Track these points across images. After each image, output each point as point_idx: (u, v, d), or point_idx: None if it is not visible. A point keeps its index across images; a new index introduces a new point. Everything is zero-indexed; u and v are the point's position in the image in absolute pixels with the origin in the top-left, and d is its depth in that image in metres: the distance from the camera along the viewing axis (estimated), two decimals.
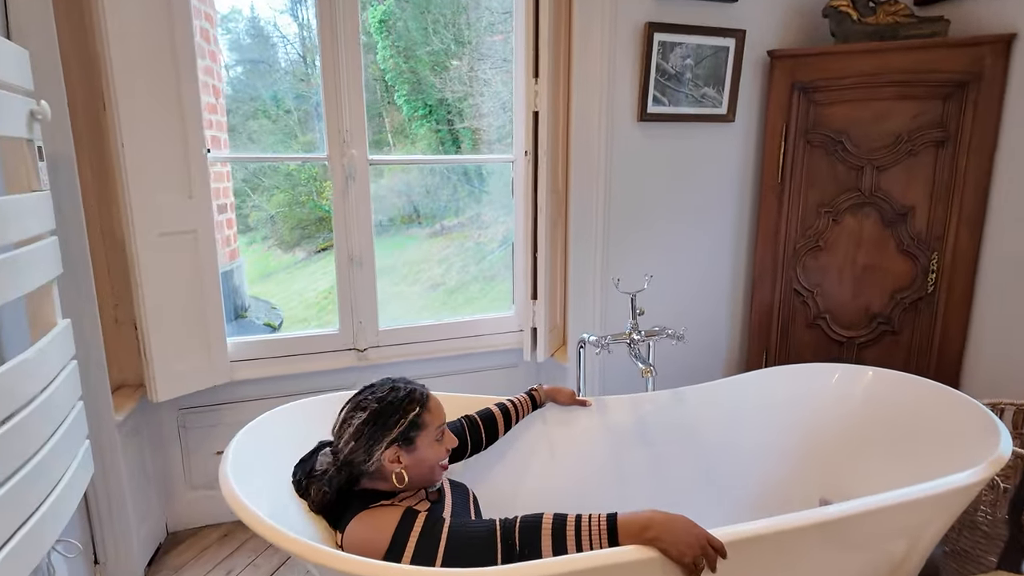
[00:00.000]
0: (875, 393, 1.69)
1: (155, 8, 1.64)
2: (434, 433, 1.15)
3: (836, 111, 2.07)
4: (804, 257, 2.20)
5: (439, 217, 4.04)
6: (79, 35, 1.64)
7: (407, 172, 4.03)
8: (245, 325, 2.90)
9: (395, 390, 1.13)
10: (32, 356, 1.25)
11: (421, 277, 4.22)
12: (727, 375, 2.40)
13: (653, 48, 2.00)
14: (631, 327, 1.64)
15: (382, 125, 3.87)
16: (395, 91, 3.76)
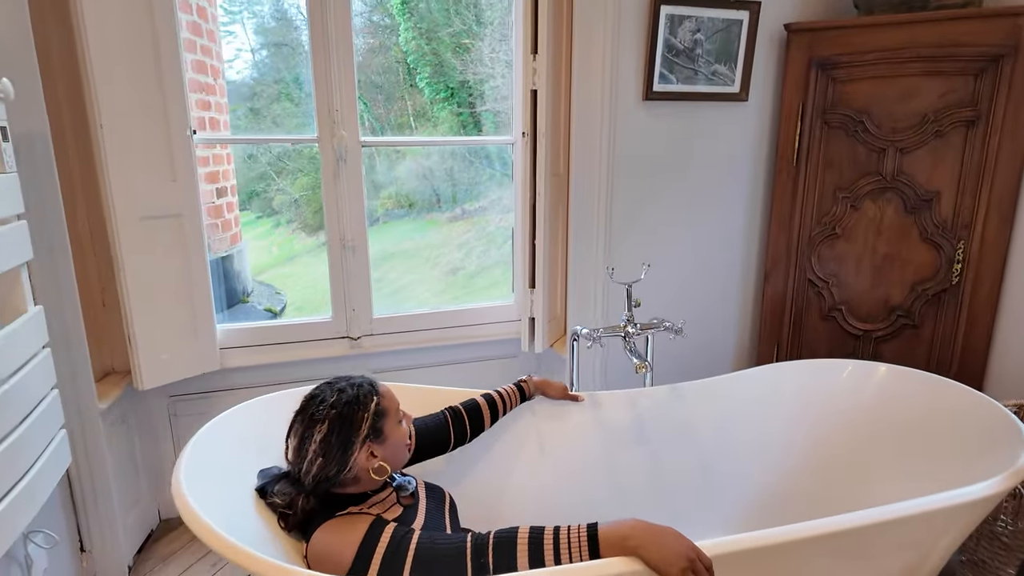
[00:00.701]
0: (888, 392, 1.58)
1: None
2: (396, 415, 1.12)
3: (857, 89, 1.93)
4: (820, 245, 2.07)
5: (460, 201, 3.97)
6: (61, 11, 1.58)
7: (428, 156, 3.96)
8: (246, 310, 2.87)
9: (343, 391, 1.07)
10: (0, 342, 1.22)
11: (441, 261, 4.17)
12: (737, 370, 2.29)
13: (660, 22, 1.88)
14: (626, 319, 1.55)
15: (404, 108, 3.80)
16: (417, 74, 3.69)
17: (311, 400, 1.07)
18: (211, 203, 2.67)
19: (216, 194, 2.72)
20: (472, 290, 3.88)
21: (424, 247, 4.20)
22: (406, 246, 4.22)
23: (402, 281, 4.25)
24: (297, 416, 1.07)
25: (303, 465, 1.04)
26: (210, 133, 2.38)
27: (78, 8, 1.50)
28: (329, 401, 1.05)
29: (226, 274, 2.77)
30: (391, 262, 4.17)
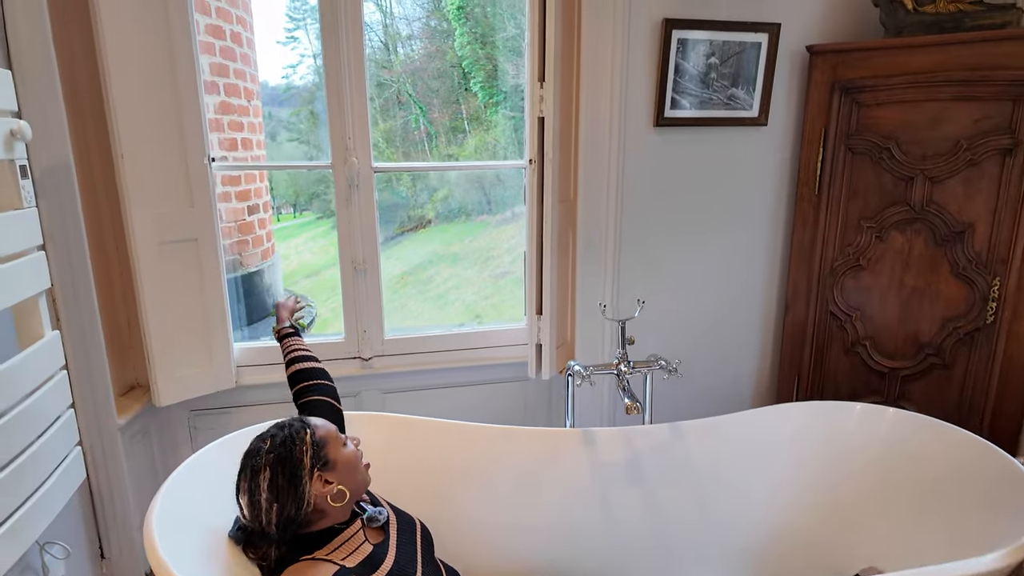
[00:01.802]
0: (897, 437, 1.49)
1: (153, 21, 1.66)
2: (337, 440, 1.12)
3: (884, 114, 1.83)
4: (843, 276, 1.97)
5: (510, 204, 4.01)
6: (89, 50, 1.68)
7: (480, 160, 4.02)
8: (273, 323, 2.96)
9: (274, 436, 1.08)
10: (11, 367, 1.30)
11: (490, 264, 4.20)
12: (755, 405, 2.21)
13: (671, 47, 1.83)
14: (619, 357, 1.51)
15: (459, 112, 3.87)
16: (472, 78, 3.74)
17: (247, 457, 1.08)
18: (242, 220, 2.79)
19: (247, 211, 2.83)
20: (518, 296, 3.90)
21: (473, 250, 4.24)
22: (455, 248, 4.28)
23: (449, 284, 4.31)
24: (239, 475, 1.08)
25: (262, 517, 1.04)
26: (231, 161, 2.48)
27: (102, 45, 1.59)
28: (264, 449, 1.07)
29: (256, 288, 2.88)
30: (437, 266, 4.23)
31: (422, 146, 3.89)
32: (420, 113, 3.83)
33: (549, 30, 1.78)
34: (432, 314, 4.08)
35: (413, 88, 3.85)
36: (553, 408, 2.28)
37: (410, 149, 3.87)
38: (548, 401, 2.27)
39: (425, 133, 3.88)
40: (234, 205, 2.68)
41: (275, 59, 3.24)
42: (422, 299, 4.26)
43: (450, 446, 1.52)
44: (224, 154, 2.57)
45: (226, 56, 2.53)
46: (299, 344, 1.50)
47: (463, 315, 4.09)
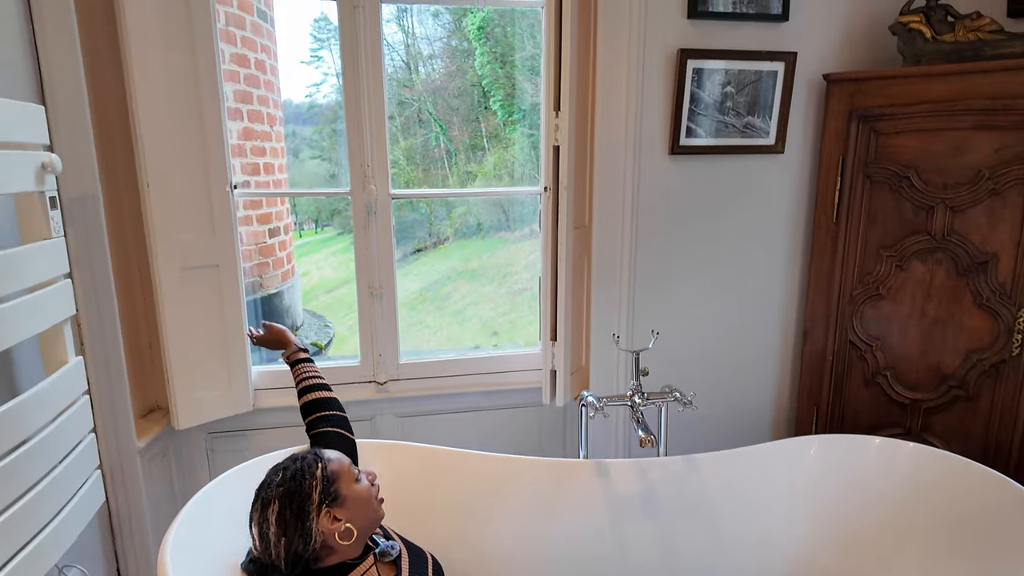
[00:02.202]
0: (916, 472, 1.46)
1: (180, 55, 1.71)
2: (350, 475, 1.11)
3: (903, 142, 1.81)
4: (862, 305, 1.94)
5: (528, 221, 4.03)
6: (119, 85, 1.73)
7: (499, 178, 4.05)
8: None
9: (286, 469, 1.09)
10: (37, 394, 1.34)
11: (508, 281, 4.22)
12: (774, 435, 2.18)
13: (686, 76, 1.84)
14: (633, 389, 1.51)
15: (478, 130, 3.92)
16: (491, 97, 3.80)
17: (259, 488, 1.10)
18: (263, 243, 2.83)
19: (268, 234, 2.88)
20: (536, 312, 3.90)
21: (491, 266, 4.26)
22: (473, 265, 4.30)
23: (467, 300, 4.33)
24: (252, 506, 1.10)
25: (271, 551, 1.05)
26: (253, 187, 2.53)
27: (131, 78, 1.65)
28: (275, 481, 1.08)
29: (276, 310, 2.92)
30: (455, 282, 4.25)
31: (442, 163, 3.93)
32: (440, 131, 3.88)
33: (564, 61, 1.80)
34: (450, 330, 4.10)
35: (433, 106, 3.91)
36: (568, 434, 2.27)
37: (430, 167, 3.92)
38: (563, 427, 2.26)
39: (445, 151, 3.93)
40: (255, 228, 2.73)
41: (299, 78, 3.31)
42: (440, 315, 4.28)
43: (463, 476, 1.52)
44: (246, 179, 2.63)
45: (250, 83, 2.59)
46: (311, 371, 1.51)
47: (480, 331, 4.09)
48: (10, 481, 1.19)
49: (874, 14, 1.94)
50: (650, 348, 1.59)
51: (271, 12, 2.78)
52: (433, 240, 4.21)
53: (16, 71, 1.44)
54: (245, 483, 1.37)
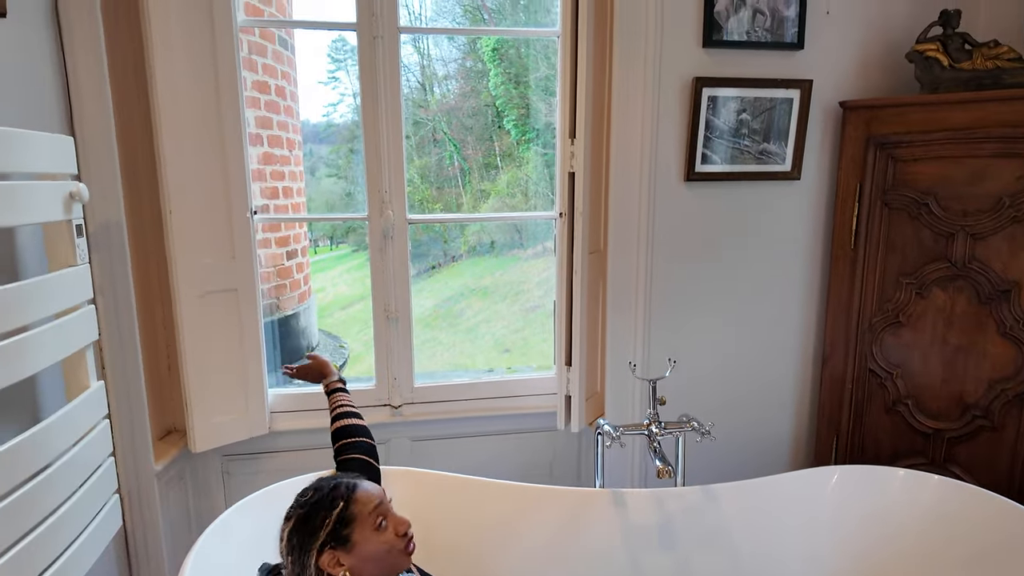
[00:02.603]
0: (942, 506, 1.43)
1: (204, 84, 1.75)
2: (370, 522, 1.06)
3: (921, 169, 1.80)
4: (882, 332, 1.92)
5: (541, 238, 4.05)
6: (145, 117, 1.77)
7: (512, 196, 4.08)
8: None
9: (319, 490, 1.08)
10: (60, 418, 1.35)
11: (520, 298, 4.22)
12: (793, 465, 2.15)
13: (702, 103, 1.85)
14: (650, 417, 1.50)
15: (492, 149, 3.97)
16: (505, 116, 3.84)
17: (297, 495, 1.10)
18: (281, 265, 2.87)
19: (286, 256, 2.91)
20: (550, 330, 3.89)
21: (504, 283, 4.27)
22: (486, 282, 4.31)
23: (479, 317, 4.34)
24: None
25: (285, 561, 1.06)
26: (272, 211, 2.56)
27: (157, 108, 1.69)
28: (300, 500, 1.08)
29: (292, 331, 2.94)
30: (468, 299, 4.26)
31: (455, 182, 3.97)
32: (454, 150, 3.92)
33: (580, 90, 1.82)
34: (463, 347, 4.10)
35: (448, 126, 3.96)
36: (582, 460, 2.25)
37: (444, 185, 3.96)
38: (577, 453, 2.25)
39: (459, 169, 3.97)
40: (273, 251, 2.77)
41: (316, 97, 3.38)
42: (453, 332, 4.29)
43: (478, 504, 1.51)
44: (265, 202, 2.67)
45: (270, 109, 2.64)
46: (346, 400, 1.53)
47: (493, 348, 4.09)
48: (32, 506, 1.20)
49: (889, 42, 1.95)
50: (667, 376, 1.58)
51: (291, 40, 2.84)
52: (447, 258, 4.23)
53: (48, 103, 1.48)
54: (261, 510, 1.38)
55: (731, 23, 1.83)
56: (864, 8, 1.92)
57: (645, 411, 1.99)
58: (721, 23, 1.83)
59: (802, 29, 1.86)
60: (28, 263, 1.42)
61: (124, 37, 1.71)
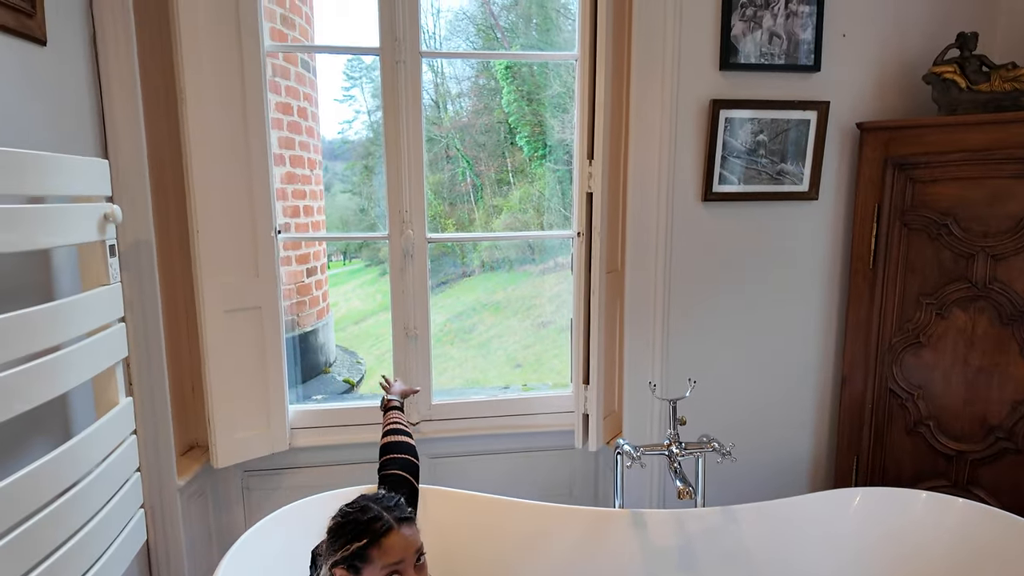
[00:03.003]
0: (970, 533, 1.41)
1: (231, 107, 1.80)
2: (380, 570, 1.06)
3: (941, 190, 1.81)
4: (902, 353, 1.91)
5: (553, 254, 4.07)
6: (175, 140, 1.82)
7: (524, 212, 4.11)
8: (326, 381, 3.05)
9: (363, 511, 1.10)
10: (91, 434, 1.38)
11: (532, 314, 4.24)
12: (813, 486, 2.13)
13: (719, 125, 1.87)
14: (670, 438, 1.50)
15: (504, 165, 4.01)
16: (517, 133, 3.89)
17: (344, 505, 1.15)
18: (300, 282, 2.91)
19: (306, 273, 2.96)
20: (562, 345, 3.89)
21: (516, 299, 4.29)
22: (498, 297, 4.33)
23: (491, 332, 4.35)
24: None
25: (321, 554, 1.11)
26: (293, 230, 2.60)
27: (186, 132, 1.73)
28: (346, 509, 1.12)
29: (311, 347, 2.98)
30: (480, 314, 4.28)
31: (468, 198, 4.01)
32: (467, 166, 3.96)
33: (598, 111, 1.84)
34: (475, 362, 4.11)
35: (461, 143, 4.01)
36: (600, 479, 2.25)
37: (456, 201, 4.00)
38: (595, 471, 2.24)
39: (471, 185, 4.01)
40: (294, 268, 2.81)
41: (332, 115, 3.44)
42: (464, 347, 4.30)
43: (497, 523, 1.52)
44: (287, 221, 2.72)
45: (293, 130, 2.70)
46: (399, 419, 1.58)
47: (505, 364, 4.10)
48: (64, 520, 1.23)
49: (905, 64, 1.96)
50: (687, 397, 1.58)
51: (312, 62, 2.91)
52: (459, 273, 4.26)
53: (84, 127, 1.54)
54: (282, 529, 1.39)
55: (747, 46, 1.86)
56: (880, 31, 1.94)
57: (663, 430, 1.99)
58: (737, 46, 1.85)
59: (818, 51, 1.88)
60: (62, 282, 1.47)
61: (156, 63, 1.77)
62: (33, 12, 1.26)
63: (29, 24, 1.26)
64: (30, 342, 1.12)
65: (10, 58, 1.23)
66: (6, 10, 1.17)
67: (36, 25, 1.28)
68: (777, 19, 1.84)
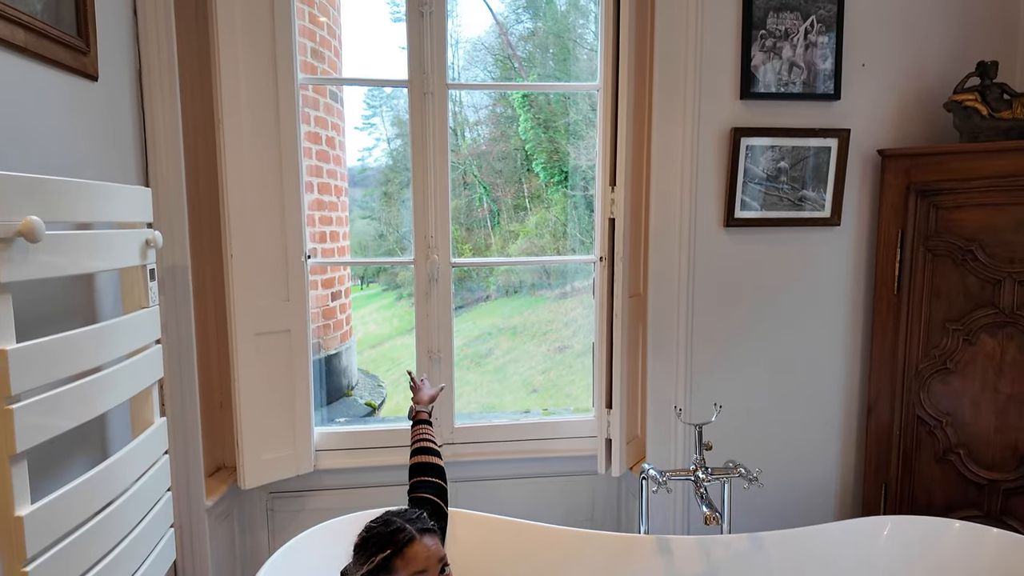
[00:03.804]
0: (1005, 562, 1.38)
1: (266, 137, 1.87)
2: None
3: (965, 216, 1.81)
4: (929, 379, 1.89)
5: (569, 278, 4.09)
6: (211, 171, 1.89)
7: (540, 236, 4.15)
8: (348, 404, 3.08)
9: (386, 524, 1.14)
10: (127, 453, 1.42)
11: (548, 338, 4.24)
12: (840, 514, 2.10)
13: (740, 153, 1.90)
14: (696, 463, 1.50)
15: (520, 191, 4.07)
16: (534, 159, 3.96)
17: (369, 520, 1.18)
18: (326, 306, 2.96)
19: (331, 297, 3.01)
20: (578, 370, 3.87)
21: (532, 323, 4.30)
22: (514, 322, 4.35)
23: (507, 357, 4.36)
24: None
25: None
26: (320, 256, 2.66)
27: (223, 161, 1.80)
28: (370, 523, 1.15)
29: (334, 370, 3.01)
30: (496, 338, 4.30)
31: (485, 223, 4.06)
32: (484, 192, 4.02)
33: (620, 140, 1.88)
34: (491, 387, 4.12)
35: (478, 169, 4.08)
36: (623, 505, 2.23)
37: (473, 225, 4.05)
38: (618, 497, 2.23)
39: (488, 210, 4.06)
40: (320, 292, 2.87)
41: (352, 142, 3.53)
42: (480, 372, 4.31)
43: (523, 547, 1.52)
44: (314, 246, 2.78)
45: (321, 158, 2.78)
46: (429, 434, 1.58)
47: (520, 389, 4.10)
48: (99, 538, 1.25)
49: (924, 92, 1.98)
50: (713, 421, 1.58)
51: (340, 92, 3.00)
52: (475, 297, 4.29)
53: (128, 157, 1.61)
54: (313, 548, 1.41)
55: (767, 76, 1.89)
56: (899, 60, 1.96)
57: (687, 456, 1.98)
58: (757, 76, 1.89)
59: (838, 80, 1.91)
60: (104, 305, 1.52)
61: (196, 96, 1.85)
62: (87, 50, 1.34)
63: (84, 61, 1.33)
64: (77, 362, 1.17)
65: (66, 93, 1.30)
66: (65, 49, 1.25)
67: (90, 62, 1.35)
68: (796, 49, 1.88)
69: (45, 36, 1.18)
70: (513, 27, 3.94)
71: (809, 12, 1.87)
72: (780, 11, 1.86)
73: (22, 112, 1.16)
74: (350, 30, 3.03)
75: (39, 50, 1.17)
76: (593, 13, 3.45)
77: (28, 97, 1.18)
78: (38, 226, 0.94)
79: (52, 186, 1.06)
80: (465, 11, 3.73)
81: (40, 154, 1.23)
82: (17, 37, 1.10)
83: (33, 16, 1.14)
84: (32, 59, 1.17)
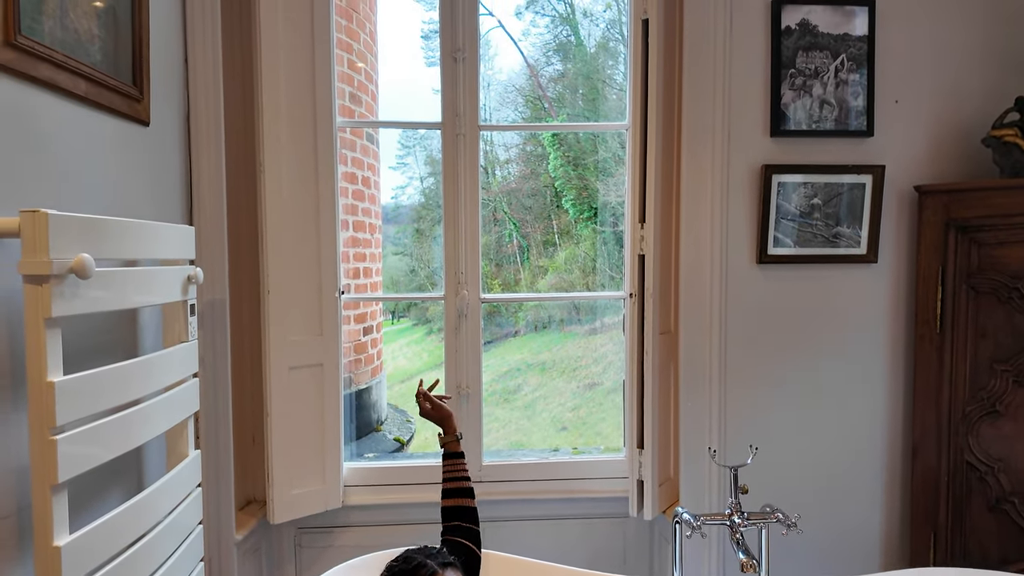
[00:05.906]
0: None
1: (304, 179, 1.93)
2: None
3: (1009, 253, 1.75)
4: (978, 423, 1.81)
5: (599, 314, 4.07)
6: (250, 210, 1.96)
7: (570, 272, 4.17)
8: (376, 439, 3.08)
9: (407, 560, 1.15)
10: (163, 484, 1.44)
11: (578, 375, 4.20)
12: (886, 564, 1.99)
13: (772, 190, 1.89)
14: (731, 507, 1.45)
15: (550, 227, 4.11)
16: (563, 196, 4.00)
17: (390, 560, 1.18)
18: (358, 340, 3.00)
19: (363, 332, 3.05)
20: (608, 408, 3.81)
21: (561, 359, 4.27)
22: (543, 357, 4.32)
23: (536, 394, 4.32)
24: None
25: None
26: (353, 291, 2.71)
27: (263, 201, 1.87)
28: (390, 564, 1.16)
29: (364, 405, 3.03)
30: (525, 375, 4.27)
31: (514, 259, 4.10)
32: (514, 228, 4.06)
33: (649, 177, 1.90)
34: (519, 423, 4.07)
35: (508, 206, 4.13)
36: (655, 549, 2.16)
37: (503, 262, 4.08)
38: (650, 541, 2.16)
39: (518, 246, 4.09)
40: (352, 327, 2.91)
41: (386, 181, 3.62)
42: (509, 408, 4.28)
43: None
44: (348, 282, 2.84)
45: (356, 197, 2.86)
46: (463, 471, 1.55)
47: (550, 426, 4.05)
48: (132, 570, 1.27)
49: (960, 127, 1.95)
50: (749, 464, 1.54)
51: (376, 135, 3.10)
52: (504, 333, 4.29)
53: (174, 196, 1.68)
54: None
55: (798, 113, 1.89)
56: (933, 96, 1.95)
57: (722, 499, 1.92)
58: (787, 113, 1.89)
59: (871, 117, 1.90)
60: (146, 339, 1.57)
61: (240, 140, 1.93)
62: (141, 98, 1.42)
63: (137, 108, 1.41)
64: (119, 394, 1.20)
65: (119, 138, 1.38)
66: (120, 97, 1.33)
67: (143, 108, 1.43)
68: (827, 87, 1.88)
69: (103, 86, 1.26)
70: (543, 69, 4.04)
71: (839, 51, 1.88)
72: (809, 50, 1.87)
73: (79, 155, 1.23)
74: (386, 74, 3.15)
75: (98, 99, 1.24)
76: (622, 55, 3.53)
77: (85, 142, 1.25)
78: (89, 263, 0.99)
79: (103, 225, 1.12)
80: (497, 55, 3.84)
81: (93, 195, 1.30)
82: (79, 87, 1.18)
83: (93, 67, 1.21)
84: (91, 107, 1.25)
